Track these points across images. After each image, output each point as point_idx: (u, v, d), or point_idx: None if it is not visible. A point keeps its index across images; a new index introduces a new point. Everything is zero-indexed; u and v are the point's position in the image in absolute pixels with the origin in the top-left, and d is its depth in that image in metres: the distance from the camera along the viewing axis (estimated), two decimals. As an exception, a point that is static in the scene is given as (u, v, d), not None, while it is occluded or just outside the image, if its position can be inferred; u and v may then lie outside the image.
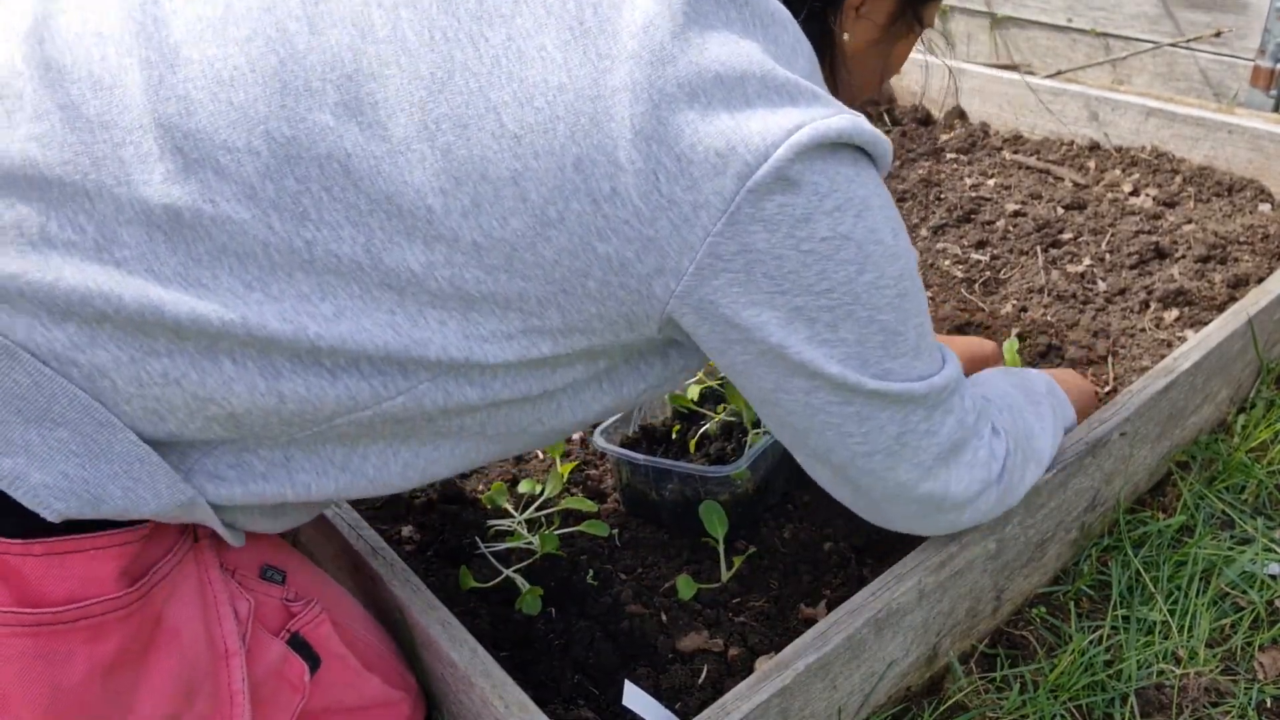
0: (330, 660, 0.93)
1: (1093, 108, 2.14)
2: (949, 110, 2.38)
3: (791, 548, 1.19)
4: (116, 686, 0.75)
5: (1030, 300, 1.65)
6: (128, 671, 0.76)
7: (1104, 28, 2.48)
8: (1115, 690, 1.07)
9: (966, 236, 1.86)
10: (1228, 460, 1.35)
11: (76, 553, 0.72)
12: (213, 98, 0.72)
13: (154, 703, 0.78)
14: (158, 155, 0.71)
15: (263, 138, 0.71)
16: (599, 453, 1.35)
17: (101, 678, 0.74)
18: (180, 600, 0.81)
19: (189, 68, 0.73)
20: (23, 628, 0.70)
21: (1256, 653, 1.12)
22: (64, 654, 0.72)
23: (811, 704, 0.94)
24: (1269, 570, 1.20)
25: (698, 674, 1.02)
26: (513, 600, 1.13)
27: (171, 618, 0.79)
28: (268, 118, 0.71)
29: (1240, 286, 1.61)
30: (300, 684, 0.89)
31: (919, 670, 1.08)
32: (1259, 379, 1.49)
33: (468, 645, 0.95)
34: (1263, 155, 1.91)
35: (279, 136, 0.71)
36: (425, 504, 1.29)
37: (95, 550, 0.73)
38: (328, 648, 0.93)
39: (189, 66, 0.73)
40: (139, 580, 0.76)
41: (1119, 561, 1.22)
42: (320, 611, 0.94)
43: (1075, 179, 2.03)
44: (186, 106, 0.71)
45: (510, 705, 0.89)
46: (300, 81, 0.72)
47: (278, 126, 0.71)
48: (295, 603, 0.92)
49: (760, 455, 1.18)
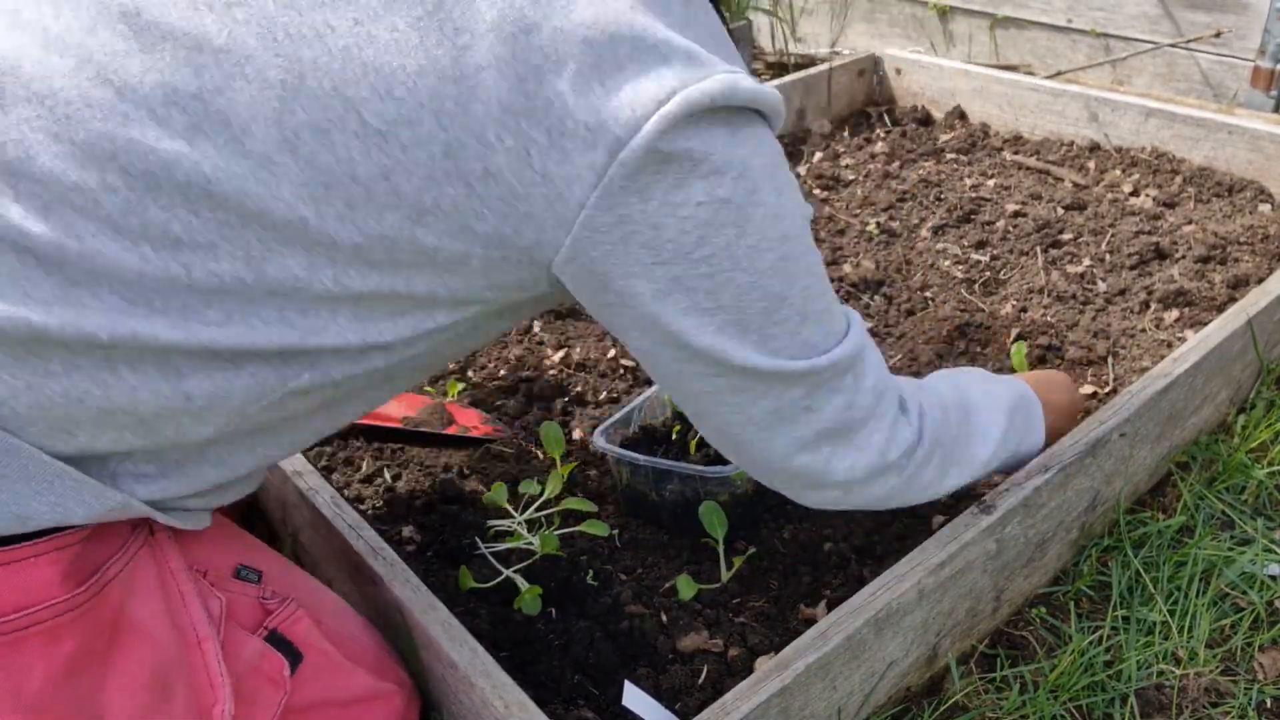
0: (312, 655, 0.93)
1: (1093, 108, 2.14)
2: (949, 110, 2.38)
3: (791, 548, 1.20)
4: (82, 689, 0.75)
5: (1030, 301, 1.65)
6: (93, 673, 0.76)
7: (1104, 28, 2.48)
8: (1115, 690, 1.07)
9: (966, 237, 1.86)
10: (1228, 461, 1.35)
11: (12, 563, 0.72)
12: (53, 139, 0.68)
13: (127, 700, 0.77)
14: (11, 197, 0.68)
15: (117, 173, 0.68)
16: (599, 453, 1.35)
17: (63, 681, 0.74)
18: (140, 596, 0.80)
19: (20, 108, 0.69)
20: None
21: (1256, 653, 1.12)
22: (19, 664, 0.72)
23: (811, 704, 0.94)
24: (1269, 571, 1.20)
25: (698, 674, 1.02)
26: (512, 600, 1.13)
27: (133, 614, 0.79)
28: (115, 154, 0.68)
29: (1240, 287, 1.61)
30: (281, 679, 0.89)
31: (919, 670, 1.08)
32: (1259, 380, 1.49)
33: (468, 645, 0.95)
34: (1263, 156, 1.91)
35: (133, 170, 0.68)
36: (425, 505, 1.29)
37: (33, 558, 0.72)
38: (308, 643, 0.93)
39: (19, 107, 0.69)
40: (87, 580, 0.76)
41: (1119, 562, 1.22)
42: (297, 608, 0.93)
43: (1075, 179, 2.03)
44: (26, 150, 0.68)
45: (510, 705, 0.89)
46: (143, 112, 0.68)
47: (129, 160, 0.68)
48: (271, 600, 0.92)
49: (760, 455, 1.18)
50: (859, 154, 2.27)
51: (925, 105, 2.43)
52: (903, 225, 1.93)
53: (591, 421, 1.44)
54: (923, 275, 1.76)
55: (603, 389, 1.51)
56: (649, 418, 1.33)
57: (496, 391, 1.51)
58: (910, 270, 1.78)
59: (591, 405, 1.49)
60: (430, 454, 1.39)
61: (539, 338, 1.65)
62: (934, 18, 2.81)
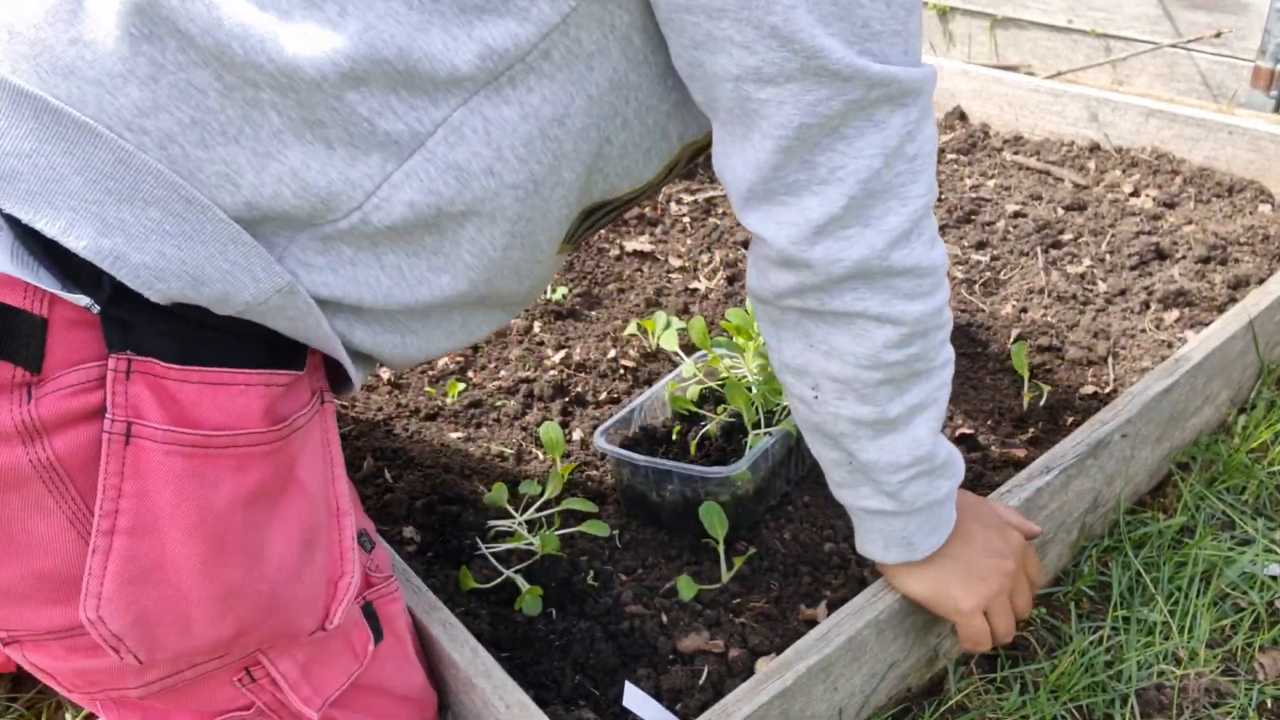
0: (390, 641, 0.94)
1: (1093, 108, 2.14)
2: (949, 111, 2.38)
3: (792, 548, 1.20)
4: (253, 520, 0.78)
5: (1030, 301, 1.65)
6: (263, 509, 0.79)
7: (1104, 29, 2.48)
8: (1115, 691, 1.07)
9: (966, 237, 1.86)
10: (1228, 461, 1.35)
11: (228, 385, 0.76)
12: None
13: (283, 544, 0.80)
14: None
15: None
16: (599, 453, 1.35)
17: (243, 508, 0.77)
18: (308, 455, 0.84)
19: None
20: (180, 447, 0.73)
21: (1257, 653, 1.12)
22: (212, 478, 0.75)
23: (813, 705, 0.94)
24: (1269, 571, 1.20)
25: (698, 675, 1.02)
26: (513, 601, 1.13)
27: (300, 469, 0.82)
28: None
29: (1241, 287, 1.61)
30: (363, 652, 0.90)
31: (919, 671, 1.08)
32: (1259, 380, 1.49)
33: (468, 646, 0.95)
34: (1263, 156, 1.91)
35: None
36: (426, 505, 1.29)
37: (244, 385, 0.77)
38: (392, 627, 0.94)
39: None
40: (280, 423, 0.79)
41: (1119, 562, 1.22)
42: (397, 588, 0.95)
43: (1075, 180, 2.03)
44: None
45: (510, 706, 0.89)
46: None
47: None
48: (376, 574, 0.94)
49: (760, 456, 1.18)
50: (859, 154, 2.27)
51: (925, 105, 2.43)
52: (903, 225, 1.93)
53: (592, 422, 1.44)
54: (923, 275, 1.76)
55: (603, 389, 1.50)
56: (649, 418, 1.33)
57: (496, 392, 1.51)
58: (910, 270, 1.78)
59: (591, 406, 1.49)
60: (430, 454, 1.39)
61: (539, 338, 1.65)
62: (934, 18, 2.81)
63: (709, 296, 1.73)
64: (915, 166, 0.78)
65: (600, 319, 1.70)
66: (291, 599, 0.81)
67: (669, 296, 1.74)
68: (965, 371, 1.50)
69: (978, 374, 1.49)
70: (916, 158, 0.78)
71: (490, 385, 1.53)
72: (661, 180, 0.91)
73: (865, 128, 0.75)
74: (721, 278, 1.77)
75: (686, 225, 2.00)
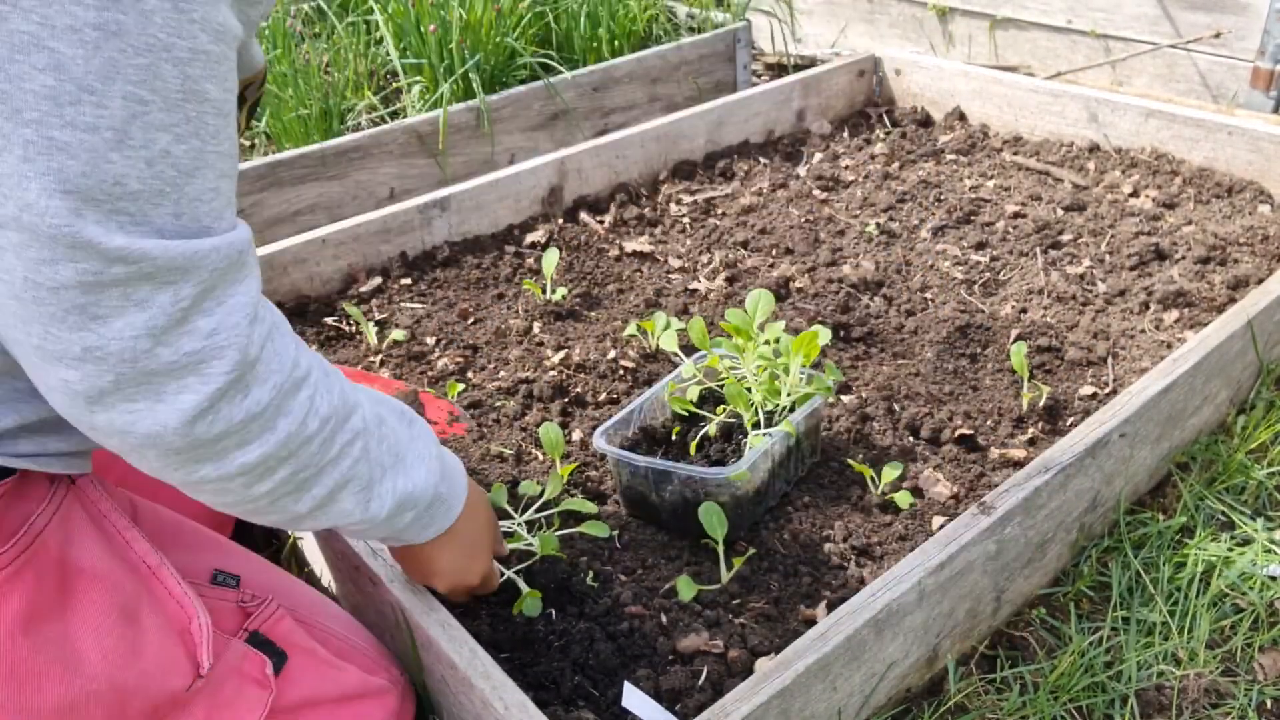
0: (297, 654, 0.93)
1: (1092, 109, 2.14)
2: (949, 111, 2.38)
3: (791, 549, 1.20)
4: (44, 637, 0.76)
5: (1030, 301, 1.65)
6: (51, 621, 0.77)
7: (1104, 29, 2.48)
8: (1115, 691, 1.07)
9: (966, 238, 1.86)
10: (1227, 461, 1.35)
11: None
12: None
13: (94, 637, 0.78)
14: None
15: None
16: (599, 454, 1.35)
17: (22, 634, 0.75)
18: (79, 542, 0.81)
19: None
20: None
21: (1256, 654, 1.12)
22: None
23: (812, 705, 0.94)
24: (1269, 571, 1.20)
25: (698, 675, 1.02)
26: (512, 602, 1.13)
27: (77, 561, 0.80)
28: None
29: (1240, 288, 1.61)
30: (265, 679, 0.89)
31: (919, 671, 1.08)
32: (1259, 380, 1.49)
33: (467, 646, 0.95)
34: (1262, 156, 1.91)
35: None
36: (425, 505, 1.29)
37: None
38: (292, 642, 0.93)
39: None
40: (15, 534, 0.76)
41: (1119, 562, 1.22)
42: (277, 608, 0.94)
43: (1075, 180, 2.03)
44: None
45: (510, 706, 0.89)
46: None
47: None
48: (250, 603, 0.93)
49: (760, 457, 1.18)
50: (859, 155, 2.27)
51: (925, 106, 2.44)
52: (902, 226, 1.93)
53: (591, 422, 1.44)
54: (922, 276, 1.76)
55: (602, 390, 1.50)
56: (649, 419, 1.33)
57: (496, 392, 1.51)
58: (910, 271, 1.78)
59: (591, 406, 1.49)
60: (430, 455, 1.39)
61: (539, 338, 1.65)
62: (933, 18, 2.81)
63: (708, 297, 1.73)
64: (219, 341, 0.67)
65: (600, 319, 1.70)
66: (141, 674, 0.80)
67: (668, 297, 1.74)
68: (965, 371, 1.50)
69: (977, 374, 1.49)
70: (216, 332, 0.67)
71: (490, 386, 1.53)
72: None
73: (124, 307, 0.63)
74: (721, 278, 1.77)
75: (686, 226, 2.00)
